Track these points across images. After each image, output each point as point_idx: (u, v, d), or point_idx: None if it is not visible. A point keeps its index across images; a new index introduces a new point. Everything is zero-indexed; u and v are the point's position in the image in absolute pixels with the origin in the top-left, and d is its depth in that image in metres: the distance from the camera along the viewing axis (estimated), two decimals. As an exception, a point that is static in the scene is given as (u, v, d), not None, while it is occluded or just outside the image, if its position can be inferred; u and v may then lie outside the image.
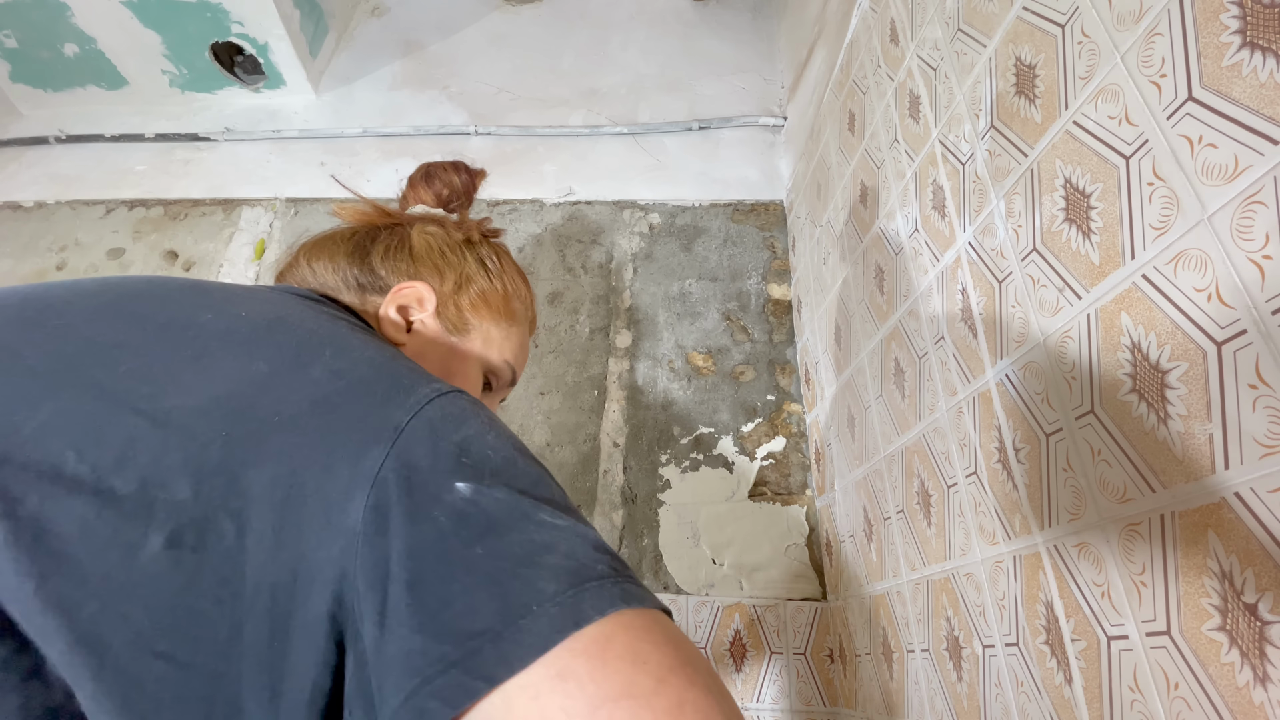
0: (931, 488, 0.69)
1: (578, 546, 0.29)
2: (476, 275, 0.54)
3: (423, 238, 0.53)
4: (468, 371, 0.52)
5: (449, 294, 0.52)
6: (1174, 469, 0.38)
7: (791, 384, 1.21)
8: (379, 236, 0.53)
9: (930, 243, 0.69)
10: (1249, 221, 0.34)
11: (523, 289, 0.58)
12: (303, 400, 0.31)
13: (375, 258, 0.51)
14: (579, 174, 1.48)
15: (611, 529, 1.10)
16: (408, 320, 0.50)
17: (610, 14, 1.80)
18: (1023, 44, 0.54)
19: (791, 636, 1.01)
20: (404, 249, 0.52)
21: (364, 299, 0.50)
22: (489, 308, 0.53)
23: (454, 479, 0.29)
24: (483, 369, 0.53)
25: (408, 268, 0.51)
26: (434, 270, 0.52)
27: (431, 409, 0.32)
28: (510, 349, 0.55)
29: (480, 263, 0.55)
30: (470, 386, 0.52)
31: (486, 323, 0.53)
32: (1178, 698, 0.38)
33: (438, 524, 0.28)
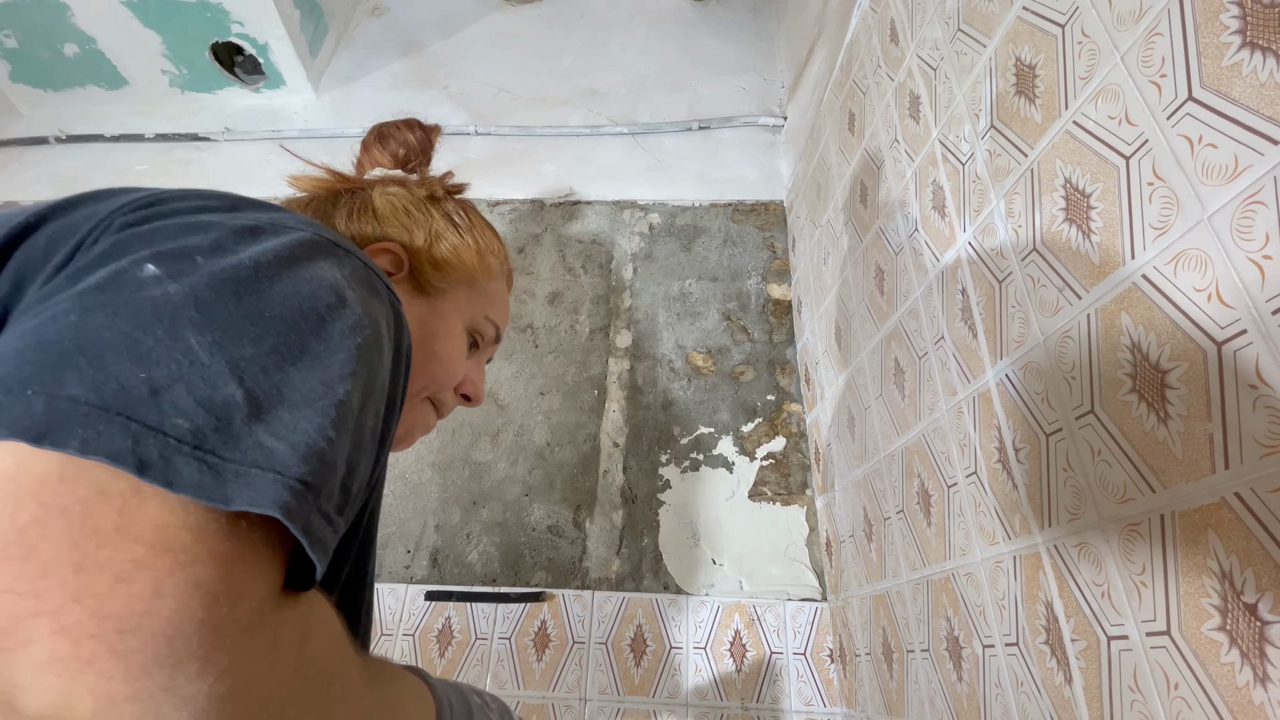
0: (931, 488, 0.69)
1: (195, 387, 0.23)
2: (446, 232, 0.52)
3: (385, 198, 0.51)
4: (450, 331, 0.50)
5: (420, 253, 0.50)
6: (1174, 469, 0.38)
7: (791, 384, 1.21)
8: (340, 200, 0.51)
9: (930, 243, 0.69)
10: (1249, 221, 0.34)
11: (495, 242, 0.57)
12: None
13: (339, 222, 0.49)
14: (579, 174, 1.48)
15: (611, 529, 1.10)
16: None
17: (610, 14, 1.80)
18: (1023, 44, 0.54)
19: (791, 636, 1.01)
20: (367, 211, 0.50)
21: None
22: (463, 264, 0.52)
23: (154, 260, 0.26)
24: (466, 328, 0.52)
25: (374, 230, 0.49)
26: (402, 230, 0.50)
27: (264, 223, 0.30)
28: (491, 304, 0.54)
29: (448, 218, 0.53)
30: (454, 347, 0.51)
31: (463, 280, 0.52)
32: (1178, 698, 0.38)
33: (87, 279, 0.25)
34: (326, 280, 0.29)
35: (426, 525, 1.13)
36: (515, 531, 1.11)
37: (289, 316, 0.27)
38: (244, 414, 0.23)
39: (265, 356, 0.25)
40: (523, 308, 1.32)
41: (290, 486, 0.23)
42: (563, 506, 1.13)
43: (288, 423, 0.24)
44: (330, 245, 0.31)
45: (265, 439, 0.23)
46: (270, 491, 0.22)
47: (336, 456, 0.26)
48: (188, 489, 0.21)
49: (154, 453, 0.21)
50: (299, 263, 0.29)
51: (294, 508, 0.23)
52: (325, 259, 0.30)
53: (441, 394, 0.52)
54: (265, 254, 0.28)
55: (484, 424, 1.21)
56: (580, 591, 1.05)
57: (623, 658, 1.01)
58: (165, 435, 0.21)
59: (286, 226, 0.31)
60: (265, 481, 0.22)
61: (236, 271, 0.26)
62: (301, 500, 0.23)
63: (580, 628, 1.03)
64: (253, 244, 0.28)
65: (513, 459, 1.17)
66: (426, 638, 1.03)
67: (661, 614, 1.03)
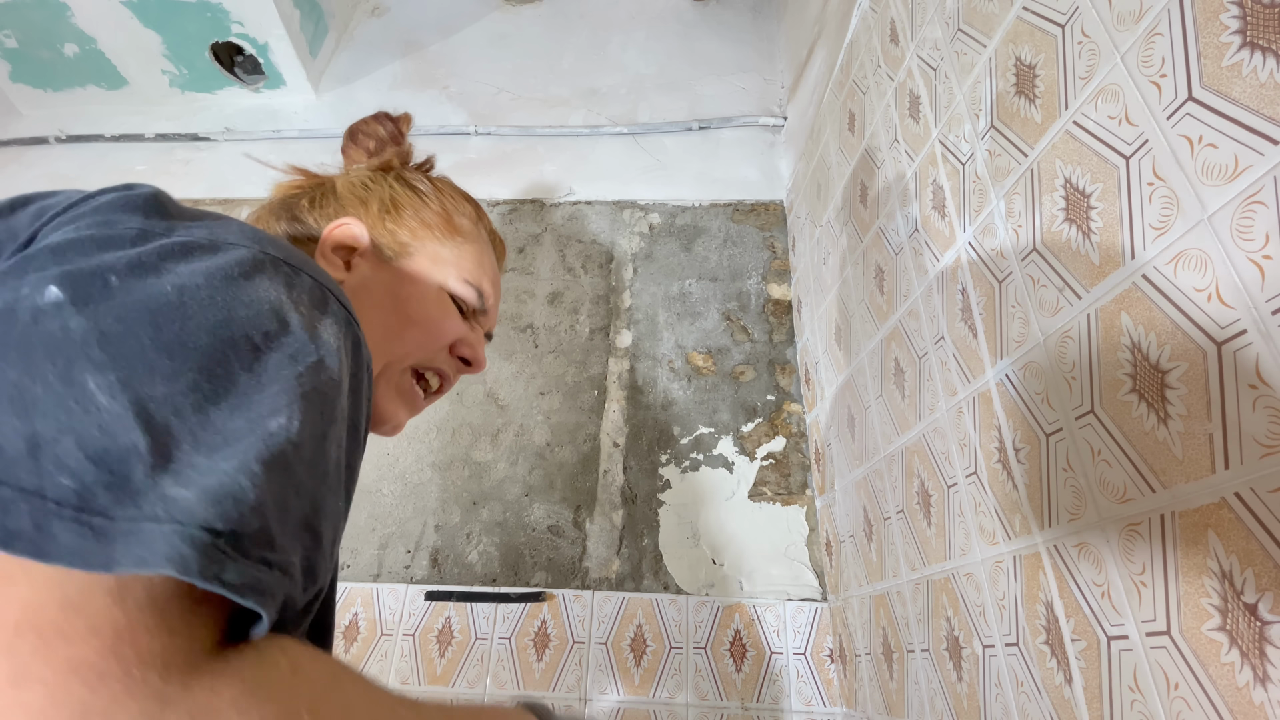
0: (931, 488, 0.69)
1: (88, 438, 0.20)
2: (404, 196, 0.51)
3: (344, 180, 0.52)
4: (423, 293, 0.48)
5: (376, 219, 0.49)
6: (1174, 469, 0.38)
7: (791, 384, 1.21)
8: (305, 193, 0.51)
9: (930, 243, 0.69)
10: (1249, 221, 0.34)
11: (465, 205, 0.55)
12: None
13: (302, 211, 0.49)
14: (579, 174, 1.48)
15: (611, 529, 1.10)
16: (344, 259, 0.47)
17: (610, 14, 1.80)
18: (1023, 44, 0.54)
19: (791, 636, 1.01)
20: (329, 196, 0.51)
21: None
22: (426, 226, 0.50)
23: (59, 281, 0.23)
24: (444, 293, 0.50)
25: (335, 210, 0.49)
26: (358, 203, 0.50)
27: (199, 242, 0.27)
28: (468, 267, 0.51)
29: (404, 183, 0.52)
30: (432, 307, 0.49)
31: (430, 243, 0.50)
32: (1178, 698, 0.38)
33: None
34: (265, 303, 0.26)
35: (426, 525, 1.13)
36: (515, 531, 1.11)
37: (216, 347, 0.24)
38: (147, 464, 0.21)
39: (182, 395, 0.22)
40: (523, 308, 1.32)
41: (190, 537, 0.20)
42: (563, 506, 1.13)
43: (202, 468, 0.21)
44: (275, 262, 0.29)
45: (170, 490, 0.21)
46: (163, 546, 0.19)
47: (266, 496, 0.23)
48: (62, 557, 0.19)
49: (25, 521, 0.19)
50: (234, 284, 0.26)
51: (194, 560, 0.20)
52: (267, 277, 0.28)
53: (431, 360, 0.50)
54: (194, 276, 0.25)
55: (484, 424, 1.21)
56: (580, 591, 1.05)
57: (623, 658, 1.01)
58: (43, 499, 0.19)
59: (226, 243, 0.28)
60: (159, 535, 0.20)
61: (155, 298, 0.23)
62: (209, 550, 0.20)
63: (580, 628, 1.03)
64: (182, 262, 0.25)
65: (513, 459, 1.17)
66: (426, 638, 1.03)
67: (661, 614, 1.03)
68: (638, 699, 0.98)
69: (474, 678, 1.00)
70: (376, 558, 1.11)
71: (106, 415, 0.21)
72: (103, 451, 0.20)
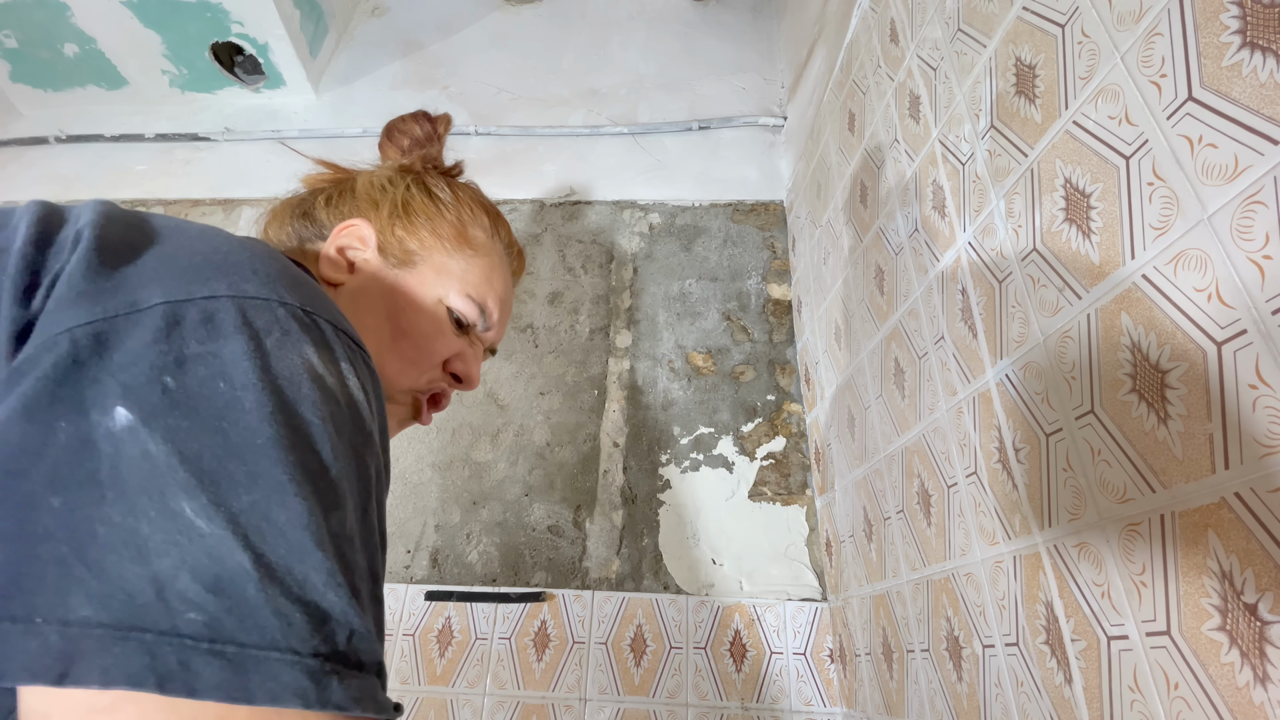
0: (931, 488, 0.69)
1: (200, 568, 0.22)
2: (418, 202, 0.49)
3: (366, 178, 0.51)
4: (420, 305, 0.47)
5: (386, 224, 0.47)
6: (1174, 469, 0.38)
7: (791, 384, 1.21)
8: (325, 190, 0.51)
9: (930, 243, 0.69)
10: (1249, 221, 0.34)
11: (483, 217, 0.52)
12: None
13: (318, 209, 0.49)
14: (579, 174, 1.48)
15: (611, 529, 1.10)
16: (348, 260, 0.46)
17: (610, 14, 1.80)
18: (1023, 44, 0.54)
19: (791, 636, 1.01)
20: (347, 193, 0.50)
21: (304, 249, 0.47)
22: (437, 236, 0.48)
23: (123, 399, 0.23)
24: (443, 306, 0.48)
25: (349, 209, 0.48)
26: (371, 204, 0.48)
27: (222, 305, 0.27)
28: (474, 281, 0.49)
29: (423, 189, 0.50)
30: (425, 321, 0.47)
31: (437, 253, 0.48)
32: (1178, 698, 0.38)
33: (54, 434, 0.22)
34: (303, 372, 0.27)
35: (426, 525, 1.13)
36: (515, 531, 1.11)
37: (280, 438, 0.25)
38: (255, 580, 0.22)
39: (265, 500, 0.23)
40: (523, 308, 1.32)
41: (307, 668, 0.22)
42: (563, 506, 1.13)
43: (299, 577, 0.23)
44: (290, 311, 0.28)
45: (280, 603, 0.23)
46: (289, 679, 0.22)
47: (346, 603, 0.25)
48: (211, 693, 0.20)
49: (172, 661, 0.20)
50: (270, 357, 0.26)
51: (313, 692, 0.22)
52: (293, 337, 0.28)
53: (419, 382, 0.49)
54: (237, 359, 0.25)
55: (484, 424, 1.21)
56: (580, 591, 1.05)
57: (623, 658, 1.01)
58: (180, 637, 0.21)
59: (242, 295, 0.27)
60: (284, 668, 0.22)
61: (214, 396, 0.24)
62: (321, 677, 0.22)
63: (580, 628, 1.03)
64: (218, 338, 0.26)
65: (513, 459, 1.17)
66: (426, 638, 1.03)
67: (661, 614, 1.03)
68: (638, 699, 0.98)
69: (474, 678, 1.00)
70: (376, 558, 1.11)
71: (210, 540, 0.22)
72: (216, 579, 0.22)
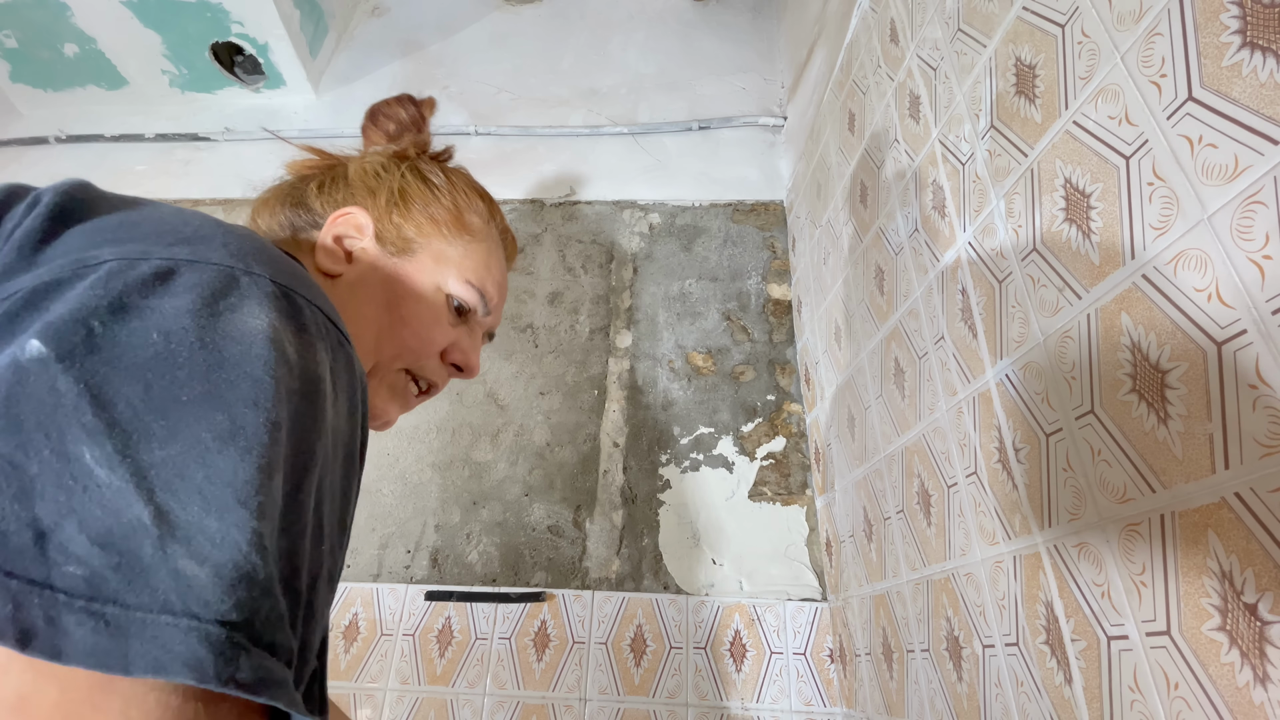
0: (931, 488, 0.69)
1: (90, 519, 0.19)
2: (415, 189, 0.49)
3: (357, 165, 0.50)
4: (420, 293, 0.47)
5: (384, 212, 0.47)
6: (1174, 469, 0.38)
7: (791, 384, 1.21)
8: (317, 176, 0.50)
9: (930, 243, 0.69)
10: (1249, 221, 0.34)
11: (478, 202, 0.52)
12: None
13: (310, 195, 0.48)
14: (579, 174, 1.48)
15: (611, 529, 1.10)
16: (346, 250, 0.46)
17: (610, 14, 1.80)
18: (1023, 44, 0.54)
19: (791, 636, 1.01)
20: (340, 180, 0.49)
21: (298, 239, 0.46)
22: (434, 223, 0.48)
23: (40, 334, 0.21)
24: (443, 293, 0.48)
25: (344, 197, 0.47)
26: (366, 192, 0.48)
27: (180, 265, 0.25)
28: (472, 267, 0.49)
29: (416, 174, 0.50)
30: (426, 310, 0.47)
31: (436, 240, 0.48)
32: (1178, 698, 0.38)
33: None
34: (254, 336, 0.25)
35: (426, 525, 1.13)
36: (515, 531, 1.11)
37: (210, 397, 0.22)
38: (154, 536, 0.20)
39: (182, 455, 0.21)
40: (523, 308, 1.32)
41: (206, 635, 0.19)
42: (563, 506, 1.13)
43: (211, 533, 0.20)
44: (259, 283, 0.27)
45: (182, 564, 0.20)
46: (182, 648, 0.19)
47: (272, 568, 0.22)
48: (79, 658, 0.18)
49: (38, 615, 0.18)
50: (219, 320, 0.24)
51: (213, 664, 0.19)
52: (255, 303, 0.26)
53: (422, 363, 0.48)
54: (179, 316, 0.23)
55: (484, 424, 1.21)
56: (580, 591, 1.05)
57: (623, 658, 1.01)
58: (53, 590, 0.18)
59: (209, 263, 0.26)
60: (176, 634, 0.19)
61: (142, 347, 0.22)
62: (225, 647, 0.20)
63: (580, 628, 1.03)
64: (165, 295, 0.24)
65: (513, 459, 1.17)
66: (426, 638, 1.03)
67: (661, 614, 1.03)
68: (638, 699, 0.98)
69: (474, 678, 1.00)
70: (376, 558, 1.11)
71: (107, 491, 0.20)
72: (107, 532, 0.19)
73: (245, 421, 0.23)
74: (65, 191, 0.27)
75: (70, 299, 0.22)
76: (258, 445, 0.22)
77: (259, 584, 0.21)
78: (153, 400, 0.21)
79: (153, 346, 0.22)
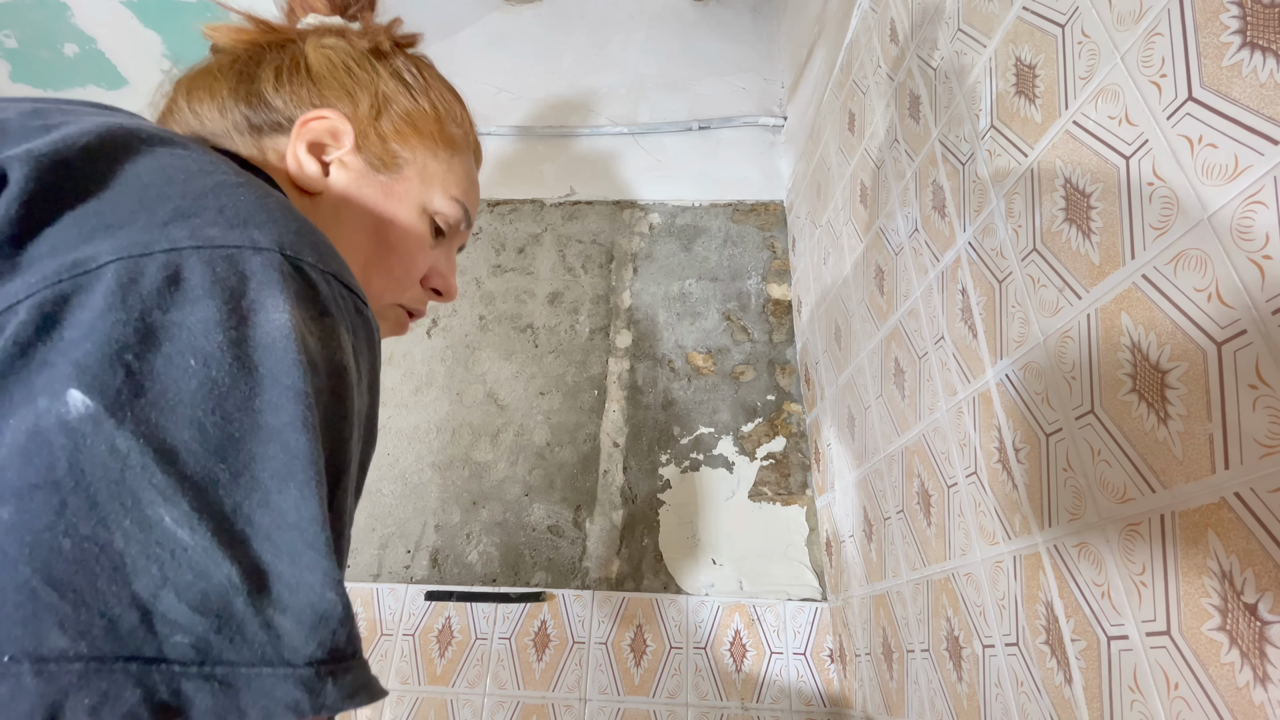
0: (931, 488, 0.69)
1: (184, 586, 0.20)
2: (397, 94, 0.44)
3: (320, 53, 0.42)
4: (408, 216, 0.43)
5: (366, 121, 0.42)
6: (1174, 469, 0.38)
7: (791, 384, 1.21)
8: (265, 58, 0.42)
9: (930, 243, 0.69)
10: (1249, 221, 0.34)
11: (456, 108, 0.48)
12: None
13: (265, 86, 0.41)
14: (579, 174, 1.49)
15: (611, 529, 1.10)
16: (323, 161, 0.41)
17: (610, 14, 1.80)
18: (1023, 44, 0.54)
19: (791, 636, 1.01)
20: (299, 70, 0.42)
21: (262, 144, 0.40)
22: (419, 134, 0.44)
23: (77, 381, 0.20)
24: (427, 213, 0.44)
25: (310, 94, 0.41)
26: (342, 93, 0.42)
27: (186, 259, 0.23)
28: (455, 183, 0.46)
29: (397, 77, 0.44)
30: (414, 235, 0.43)
31: (421, 154, 0.44)
32: (1178, 698, 0.38)
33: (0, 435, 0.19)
34: (282, 335, 0.24)
35: (426, 525, 1.13)
36: (515, 531, 1.11)
37: (261, 429, 0.22)
38: (244, 593, 0.21)
39: (248, 501, 0.21)
40: (523, 308, 1.32)
41: (300, 679, 0.21)
42: (563, 506, 1.13)
43: (291, 583, 0.22)
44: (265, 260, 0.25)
45: (269, 614, 0.21)
46: (283, 694, 0.20)
47: (343, 596, 0.23)
48: (205, 718, 0.19)
49: (164, 691, 0.19)
50: (245, 324, 0.23)
51: (308, 703, 0.21)
52: (269, 292, 0.24)
53: (406, 293, 0.46)
54: (208, 329, 0.22)
55: (484, 424, 1.21)
56: (580, 591, 1.06)
57: (623, 658, 1.01)
58: (169, 663, 0.19)
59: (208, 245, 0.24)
60: (276, 683, 0.20)
61: (185, 378, 0.21)
62: (315, 686, 0.21)
63: (580, 628, 1.03)
64: (184, 305, 0.22)
65: (513, 459, 1.17)
66: (426, 638, 1.03)
67: (661, 614, 1.03)
68: (638, 699, 0.98)
69: (474, 678, 1.00)
70: (376, 558, 1.11)
71: (194, 554, 0.20)
72: (203, 595, 0.20)
73: (297, 449, 0.23)
74: (38, 168, 0.23)
75: (92, 329, 0.21)
76: (313, 473, 0.23)
77: (336, 618, 0.22)
78: (209, 442, 0.21)
79: (195, 376, 0.22)
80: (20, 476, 0.19)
